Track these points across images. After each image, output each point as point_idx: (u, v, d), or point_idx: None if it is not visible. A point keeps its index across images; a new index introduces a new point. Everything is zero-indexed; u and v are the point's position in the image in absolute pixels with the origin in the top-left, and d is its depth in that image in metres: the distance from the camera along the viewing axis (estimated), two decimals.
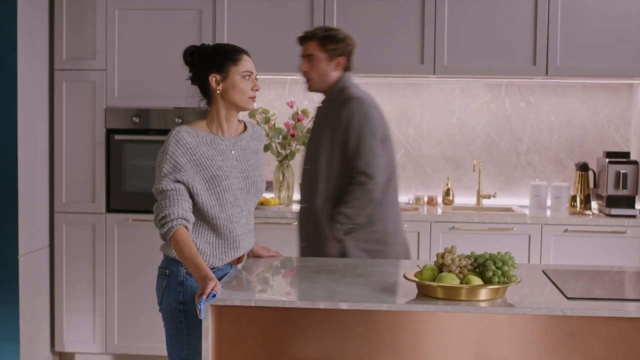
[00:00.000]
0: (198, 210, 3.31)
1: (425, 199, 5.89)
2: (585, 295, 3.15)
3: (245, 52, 3.45)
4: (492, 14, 5.46)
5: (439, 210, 5.60)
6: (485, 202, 5.91)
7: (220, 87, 3.39)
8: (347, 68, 4.26)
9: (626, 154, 5.59)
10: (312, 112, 5.85)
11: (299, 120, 5.71)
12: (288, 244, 4.82)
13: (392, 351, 3.05)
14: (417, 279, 3.05)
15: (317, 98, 4.42)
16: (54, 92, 5.59)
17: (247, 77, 3.39)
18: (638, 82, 5.72)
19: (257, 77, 3.48)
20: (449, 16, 5.46)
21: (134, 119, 5.52)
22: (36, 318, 5.46)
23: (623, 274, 3.70)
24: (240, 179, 3.38)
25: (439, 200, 5.94)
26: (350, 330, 3.04)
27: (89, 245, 5.58)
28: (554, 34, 5.41)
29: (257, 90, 3.42)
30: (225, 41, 5.46)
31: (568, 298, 3.06)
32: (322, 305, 2.93)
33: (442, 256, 3.10)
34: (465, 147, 5.97)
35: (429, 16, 5.46)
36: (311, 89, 4.30)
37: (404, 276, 3.11)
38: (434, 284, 2.99)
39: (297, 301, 2.95)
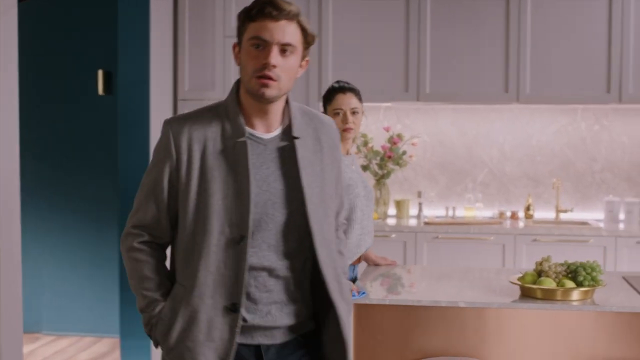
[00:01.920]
0: None
1: (509, 214, 6.49)
2: None
3: (342, 91, 4.11)
4: (569, 47, 6.05)
5: (521, 224, 6.20)
6: (563, 216, 6.49)
7: None
8: None
9: None
10: (406, 136, 6.50)
11: (394, 143, 6.36)
12: (385, 253, 5.49)
13: (499, 344, 3.68)
14: (520, 283, 3.68)
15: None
16: None
17: (338, 114, 4.07)
18: None
19: (356, 110, 4.10)
20: (531, 48, 6.06)
21: None
22: None
23: None
24: (362, 188, 4.05)
25: (521, 214, 6.54)
26: (465, 325, 3.68)
27: None
28: (626, 64, 5.97)
29: (346, 124, 4.07)
30: (330, 72, 6.16)
31: None
32: (444, 303, 3.58)
33: (541, 264, 3.72)
34: (544, 166, 6.56)
35: (512, 50, 6.07)
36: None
37: (510, 281, 3.75)
38: (535, 286, 3.61)
39: (423, 300, 3.61)
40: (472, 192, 6.56)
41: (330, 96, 4.12)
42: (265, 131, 2.61)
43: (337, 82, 4.20)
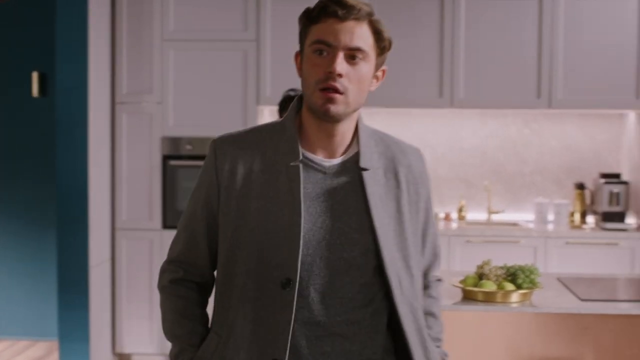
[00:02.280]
0: None
1: (442, 215, 6.65)
2: (595, 297, 3.91)
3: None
4: (501, 53, 6.22)
5: (454, 225, 6.36)
6: (495, 217, 6.68)
7: None
8: None
9: (618, 175, 6.37)
10: None
11: None
12: None
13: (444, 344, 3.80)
14: (462, 286, 3.81)
15: None
16: (115, 123, 6.31)
17: None
18: (628, 112, 6.49)
19: None
20: (464, 54, 6.22)
21: (187, 146, 6.25)
22: (100, 322, 6.18)
23: (616, 280, 4.48)
24: None
25: (454, 216, 6.70)
26: None
27: (146, 257, 6.30)
28: (555, 71, 6.17)
29: None
30: (267, 76, 6.22)
31: (581, 299, 3.83)
32: None
33: (482, 267, 3.85)
34: (476, 169, 6.74)
35: (446, 56, 6.22)
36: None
37: (452, 284, 3.87)
38: (476, 289, 3.75)
39: None
40: None
41: (287, 104, 4.20)
42: (328, 157, 2.21)
43: (291, 90, 4.27)
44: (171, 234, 6.20)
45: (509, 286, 3.75)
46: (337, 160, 2.21)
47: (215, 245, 2.25)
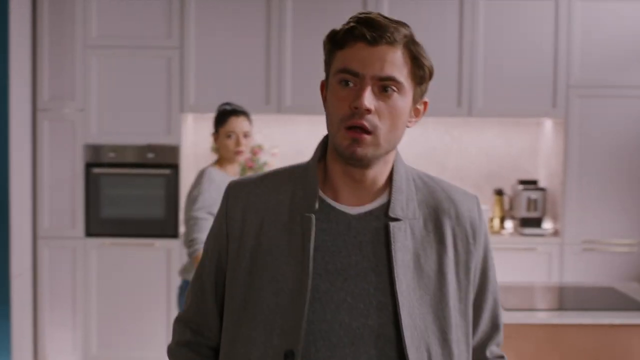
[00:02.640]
0: None
1: None
2: (516, 306, 4.02)
3: (235, 114, 4.25)
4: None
5: None
6: None
7: (217, 144, 4.23)
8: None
9: (535, 182, 6.54)
10: (267, 146, 6.63)
11: (255, 153, 6.49)
12: None
13: None
14: None
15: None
16: (36, 130, 6.23)
17: (230, 136, 4.21)
18: (545, 120, 6.66)
19: (248, 134, 4.27)
20: None
21: (110, 154, 6.21)
22: (22, 333, 6.11)
23: (536, 289, 4.61)
24: None
25: None
26: None
27: (69, 266, 6.24)
28: (475, 80, 6.30)
29: (239, 147, 4.22)
30: (191, 84, 6.22)
31: (505, 309, 3.93)
32: None
33: None
34: None
35: None
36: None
37: None
38: None
39: None
40: None
41: (223, 118, 4.23)
42: (355, 204, 1.87)
43: (227, 104, 4.30)
44: (94, 242, 6.17)
45: None
46: (364, 209, 1.86)
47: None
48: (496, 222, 6.55)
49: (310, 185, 1.87)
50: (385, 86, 1.78)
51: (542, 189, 6.46)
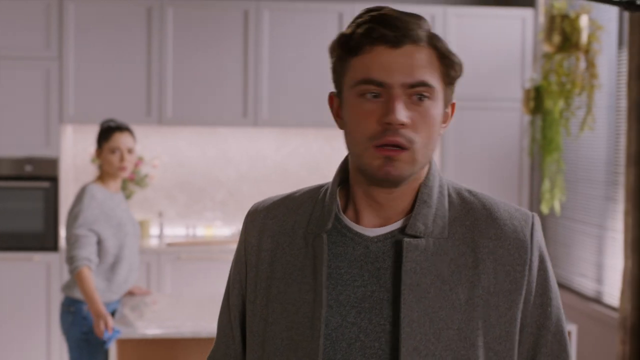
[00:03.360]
0: (103, 253, 4.08)
1: None
2: None
3: (119, 130, 4.25)
4: (304, 74, 6.41)
5: None
6: None
7: (100, 159, 4.23)
8: None
9: None
10: (147, 157, 6.60)
11: (136, 165, 6.45)
12: None
13: None
14: None
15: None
16: None
17: (114, 152, 4.21)
18: None
19: (132, 150, 4.28)
20: (269, 76, 6.37)
21: None
22: None
23: None
24: (131, 226, 4.19)
25: None
26: None
27: None
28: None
29: (123, 162, 4.24)
30: (70, 94, 6.14)
31: None
32: (204, 334, 3.77)
33: None
34: (279, 184, 6.91)
35: (251, 76, 6.35)
36: None
37: None
38: None
39: (185, 332, 3.78)
40: (211, 211, 6.79)
41: (106, 134, 4.22)
42: (378, 225, 1.59)
43: (111, 120, 4.29)
44: None
45: None
46: (386, 229, 1.58)
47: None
48: None
49: (327, 204, 1.60)
50: (416, 93, 1.51)
51: None
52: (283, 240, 1.63)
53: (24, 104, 6.13)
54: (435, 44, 1.54)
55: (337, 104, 1.60)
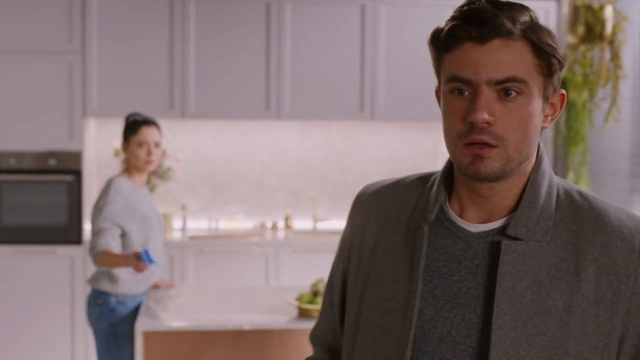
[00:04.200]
0: (127, 246, 4.08)
1: (269, 225, 6.78)
2: None
3: (146, 124, 4.25)
4: (325, 67, 6.40)
5: (281, 234, 6.50)
6: (320, 225, 6.86)
7: (127, 153, 4.23)
8: None
9: None
10: (170, 151, 6.60)
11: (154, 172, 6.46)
12: None
13: None
14: (297, 303, 3.93)
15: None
16: None
17: (142, 145, 4.21)
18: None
19: (159, 144, 4.27)
20: (291, 69, 6.36)
21: (10, 160, 6.10)
22: None
23: None
24: (155, 220, 4.19)
25: (281, 225, 6.85)
26: (250, 345, 3.89)
27: None
28: (377, 84, 6.41)
29: (150, 156, 4.23)
30: (94, 88, 6.16)
31: None
32: (230, 327, 3.77)
33: (316, 285, 3.99)
34: (301, 178, 6.90)
35: (273, 70, 6.35)
36: None
37: (288, 302, 3.99)
38: (312, 307, 3.88)
39: (210, 325, 3.78)
40: (234, 205, 6.79)
41: (134, 128, 4.22)
42: (482, 221, 1.57)
43: (137, 114, 4.30)
44: None
45: None
46: (489, 226, 1.56)
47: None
48: None
49: (433, 194, 1.60)
50: (505, 89, 1.47)
51: None
52: (387, 226, 1.64)
53: (47, 98, 6.15)
54: (529, 36, 1.49)
55: (439, 98, 1.60)
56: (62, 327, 6.16)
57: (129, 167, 4.29)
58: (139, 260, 3.70)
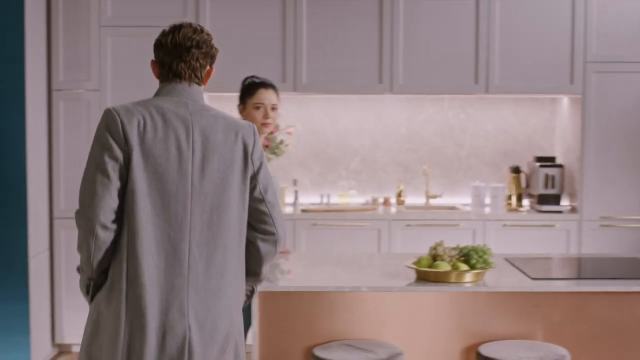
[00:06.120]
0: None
1: (381, 200, 6.72)
2: (544, 276, 4.01)
3: (264, 86, 4.21)
4: (439, 39, 6.30)
5: (393, 210, 6.43)
6: (433, 201, 6.77)
7: (243, 115, 4.20)
8: None
9: (552, 159, 6.52)
10: (282, 125, 6.62)
11: (271, 132, 6.46)
12: None
13: (398, 325, 3.86)
14: (416, 267, 3.86)
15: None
16: (52, 110, 6.21)
17: (258, 108, 4.17)
18: (560, 97, 6.63)
19: (276, 107, 4.22)
20: (403, 41, 6.28)
21: None
22: (40, 314, 6.09)
23: (561, 260, 4.59)
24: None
25: (393, 200, 6.77)
26: (367, 308, 3.84)
27: None
28: (492, 57, 6.27)
29: (266, 119, 4.18)
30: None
31: (532, 278, 3.91)
32: (347, 289, 3.72)
33: (435, 248, 3.91)
34: (414, 153, 6.82)
35: (386, 42, 6.27)
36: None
37: (406, 265, 3.92)
38: (431, 269, 3.80)
39: (328, 286, 3.74)
40: (345, 180, 6.75)
41: (251, 90, 4.20)
42: None
43: (254, 76, 4.28)
44: None
45: (463, 266, 3.81)
46: None
47: None
48: (513, 200, 6.52)
49: None
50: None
51: (559, 166, 6.43)
52: None
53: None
54: None
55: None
56: None
57: None
58: None
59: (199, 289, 2.84)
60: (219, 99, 6.60)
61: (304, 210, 6.30)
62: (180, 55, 3.08)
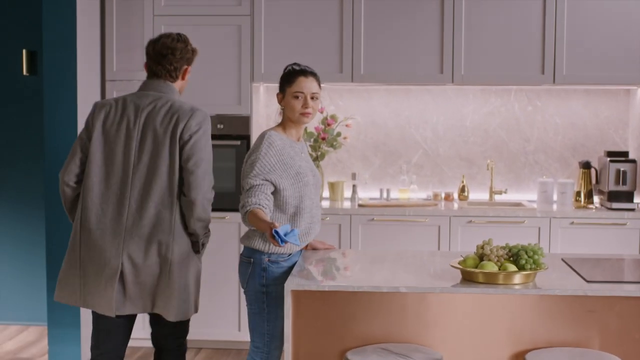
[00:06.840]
0: (282, 203, 3.87)
1: (443, 195, 6.47)
2: (601, 278, 3.73)
3: (303, 74, 4.01)
4: (503, 29, 6.02)
5: (456, 206, 6.17)
6: (497, 197, 6.49)
7: (282, 104, 4.01)
8: None
9: (625, 153, 6.17)
10: (340, 118, 6.43)
11: (328, 124, 6.27)
12: (320, 236, 5.47)
13: (441, 329, 3.63)
14: (461, 267, 3.62)
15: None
16: None
17: (298, 97, 3.97)
18: (635, 88, 6.29)
19: (316, 96, 4.01)
20: (465, 30, 6.02)
21: None
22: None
23: (624, 261, 4.29)
24: (311, 176, 3.96)
25: (455, 196, 6.52)
26: (406, 310, 3.62)
27: None
28: (560, 46, 5.97)
29: (306, 108, 3.98)
30: (262, 52, 6.04)
31: (587, 281, 3.64)
32: (385, 289, 3.50)
33: (482, 247, 3.67)
34: (477, 147, 6.55)
35: (447, 32, 6.03)
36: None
37: (450, 265, 3.69)
38: (477, 270, 3.56)
39: (364, 285, 3.53)
40: (406, 174, 6.52)
41: (290, 78, 4.01)
42: None
43: (295, 64, 4.09)
44: None
45: (511, 267, 3.56)
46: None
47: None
48: (582, 197, 6.20)
49: None
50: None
51: (632, 161, 6.09)
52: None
53: (216, 63, 6.08)
54: None
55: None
56: (229, 294, 6.09)
57: (284, 120, 4.07)
58: (271, 234, 3.46)
59: (133, 235, 3.91)
60: (274, 90, 6.43)
61: (361, 205, 6.09)
62: (158, 60, 4.12)
